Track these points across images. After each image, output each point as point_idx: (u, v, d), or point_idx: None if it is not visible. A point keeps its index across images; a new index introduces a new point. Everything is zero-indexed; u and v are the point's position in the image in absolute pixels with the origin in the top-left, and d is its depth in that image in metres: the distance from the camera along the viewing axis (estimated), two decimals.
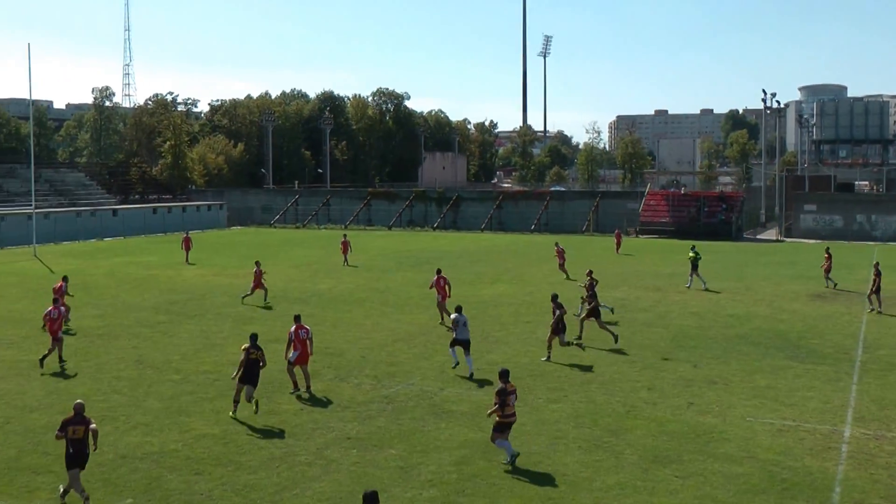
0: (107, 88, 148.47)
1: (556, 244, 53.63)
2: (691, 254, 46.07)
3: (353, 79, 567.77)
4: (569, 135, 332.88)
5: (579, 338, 30.67)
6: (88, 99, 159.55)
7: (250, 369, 22.05)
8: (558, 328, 28.51)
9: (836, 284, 45.37)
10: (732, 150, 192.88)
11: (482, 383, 25.23)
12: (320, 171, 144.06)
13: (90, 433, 16.25)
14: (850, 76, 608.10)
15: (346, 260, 55.33)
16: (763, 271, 53.37)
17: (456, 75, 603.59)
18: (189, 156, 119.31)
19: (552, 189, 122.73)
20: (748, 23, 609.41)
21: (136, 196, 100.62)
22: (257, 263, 41.30)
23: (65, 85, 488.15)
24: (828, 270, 45.85)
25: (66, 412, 19.35)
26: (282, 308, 37.93)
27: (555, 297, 29.05)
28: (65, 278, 35.41)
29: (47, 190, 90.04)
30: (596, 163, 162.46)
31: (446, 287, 34.90)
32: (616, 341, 30.53)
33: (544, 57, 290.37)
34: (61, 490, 16.48)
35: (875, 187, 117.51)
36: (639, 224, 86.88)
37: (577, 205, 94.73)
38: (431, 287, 35.31)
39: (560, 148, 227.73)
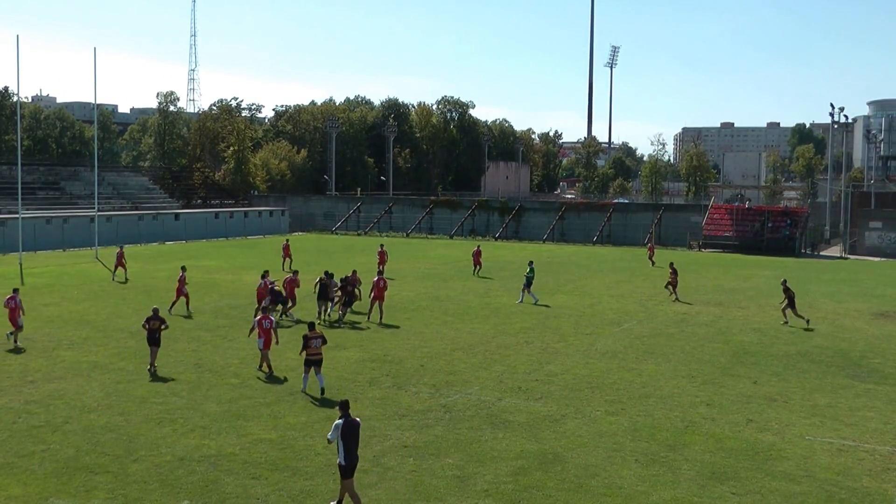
0: (171, 93, 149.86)
1: (477, 246, 58.81)
2: (527, 269, 45.31)
3: (418, 86, 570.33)
4: (633, 146, 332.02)
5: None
6: (153, 103, 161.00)
7: (323, 291, 36.70)
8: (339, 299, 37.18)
9: (676, 298, 45.16)
10: (798, 165, 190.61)
11: (541, 395, 25.17)
12: (383, 178, 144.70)
13: (161, 327, 27.14)
14: None
15: (381, 270, 54.85)
16: (826, 288, 52.68)
17: (522, 85, 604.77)
18: (252, 161, 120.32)
19: (615, 201, 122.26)
20: (817, 37, 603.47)
21: (199, 201, 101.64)
22: (182, 269, 40.28)
23: (130, 89, 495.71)
24: (673, 285, 45.76)
25: (125, 413, 20.50)
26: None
27: (343, 279, 37.70)
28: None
29: (110, 193, 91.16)
30: (660, 175, 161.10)
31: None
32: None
33: (611, 67, 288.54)
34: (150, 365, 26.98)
35: None
36: (702, 238, 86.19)
37: (640, 217, 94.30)
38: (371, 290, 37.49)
39: (624, 159, 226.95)
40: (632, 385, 26.66)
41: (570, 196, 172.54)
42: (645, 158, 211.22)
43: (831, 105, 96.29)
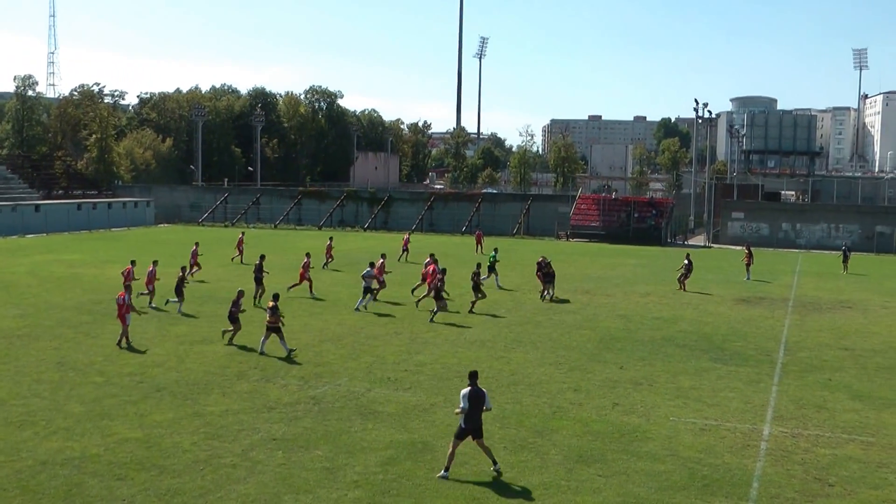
0: (30, 77, 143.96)
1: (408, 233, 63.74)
2: (494, 255, 48.31)
3: (285, 76, 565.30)
4: (502, 137, 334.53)
5: None
6: (10, 87, 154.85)
7: (257, 275, 40.14)
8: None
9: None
10: (664, 158, 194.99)
11: (410, 384, 25.26)
12: (250, 168, 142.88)
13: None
14: (780, 90, 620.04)
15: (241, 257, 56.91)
16: (691, 276, 54.00)
17: (390, 75, 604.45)
18: (116, 150, 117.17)
19: (484, 191, 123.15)
20: (683, 34, 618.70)
21: (60, 191, 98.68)
22: (307, 255, 43.62)
23: None
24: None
25: None
26: (209, 308, 37.70)
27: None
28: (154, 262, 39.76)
29: None
30: (528, 166, 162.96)
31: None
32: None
33: (480, 58, 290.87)
34: (263, 344, 29.06)
35: (801, 197, 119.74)
36: (570, 227, 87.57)
37: (508, 207, 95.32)
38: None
39: (493, 150, 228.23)
40: (500, 373, 26.96)
41: (439, 186, 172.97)
42: (514, 149, 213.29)
43: (695, 101, 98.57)
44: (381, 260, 42.73)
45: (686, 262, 48.32)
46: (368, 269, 39.19)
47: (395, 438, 20.16)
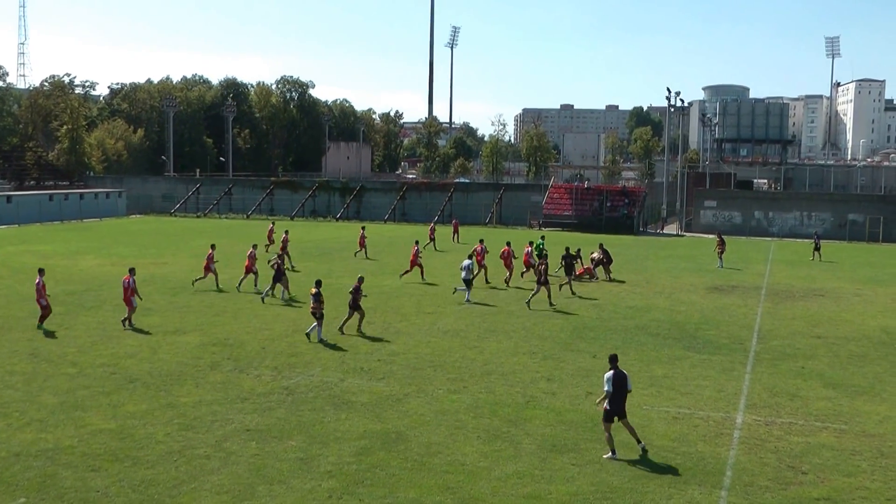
0: (0, 68, 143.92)
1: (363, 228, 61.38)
2: (542, 243, 49.08)
3: (256, 66, 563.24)
4: (474, 126, 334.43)
5: None
6: None
7: (278, 272, 38.04)
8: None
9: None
10: (636, 146, 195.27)
11: (383, 374, 25.26)
12: (222, 159, 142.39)
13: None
14: (752, 78, 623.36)
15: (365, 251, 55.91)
16: (663, 264, 54.36)
17: (362, 65, 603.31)
18: (87, 141, 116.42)
19: (456, 180, 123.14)
20: (655, 23, 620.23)
21: (32, 182, 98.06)
22: (212, 247, 42.71)
23: None
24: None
25: None
26: (182, 299, 37.56)
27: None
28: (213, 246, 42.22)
29: None
30: (501, 155, 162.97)
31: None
32: None
33: (451, 48, 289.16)
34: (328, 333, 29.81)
35: (773, 185, 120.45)
36: (542, 217, 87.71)
37: (481, 196, 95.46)
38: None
39: (465, 140, 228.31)
40: (474, 363, 26.98)
41: (411, 176, 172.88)
42: (486, 139, 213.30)
43: (668, 89, 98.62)
44: (480, 245, 44.42)
45: (599, 254, 48.21)
46: (468, 261, 39.29)
47: (369, 428, 20.15)
